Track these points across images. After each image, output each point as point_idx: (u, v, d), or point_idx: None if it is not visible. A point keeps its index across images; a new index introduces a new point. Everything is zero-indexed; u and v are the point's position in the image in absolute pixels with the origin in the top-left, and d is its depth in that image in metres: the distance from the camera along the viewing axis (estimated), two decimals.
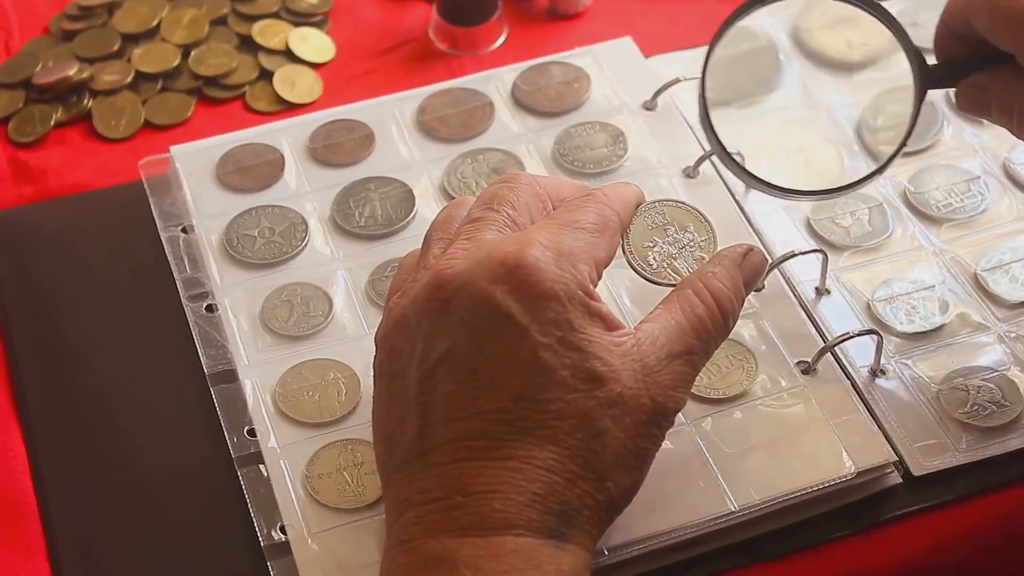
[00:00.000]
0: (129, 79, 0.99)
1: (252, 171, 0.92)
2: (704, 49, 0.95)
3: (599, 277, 0.71)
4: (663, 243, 0.76)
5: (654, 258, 0.76)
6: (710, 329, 0.71)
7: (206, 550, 0.76)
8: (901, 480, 0.77)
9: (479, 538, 0.65)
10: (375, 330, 0.71)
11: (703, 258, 0.76)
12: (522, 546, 0.65)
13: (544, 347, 0.67)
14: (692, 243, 0.76)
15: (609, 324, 0.69)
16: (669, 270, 0.76)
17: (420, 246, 0.75)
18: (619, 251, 0.74)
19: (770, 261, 0.79)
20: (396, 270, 0.77)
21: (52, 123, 0.97)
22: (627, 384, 0.68)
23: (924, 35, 0.97)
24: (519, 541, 0.65)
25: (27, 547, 0.77)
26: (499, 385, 0.67)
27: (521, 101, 0.95)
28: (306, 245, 0.88)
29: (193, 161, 0.92)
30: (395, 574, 0.67)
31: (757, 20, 0.85)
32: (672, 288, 0.73)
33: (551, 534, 0.66)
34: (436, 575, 0.65)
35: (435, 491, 0.67)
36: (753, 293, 0.83)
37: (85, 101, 0.98)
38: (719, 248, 0.76)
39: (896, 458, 0.77)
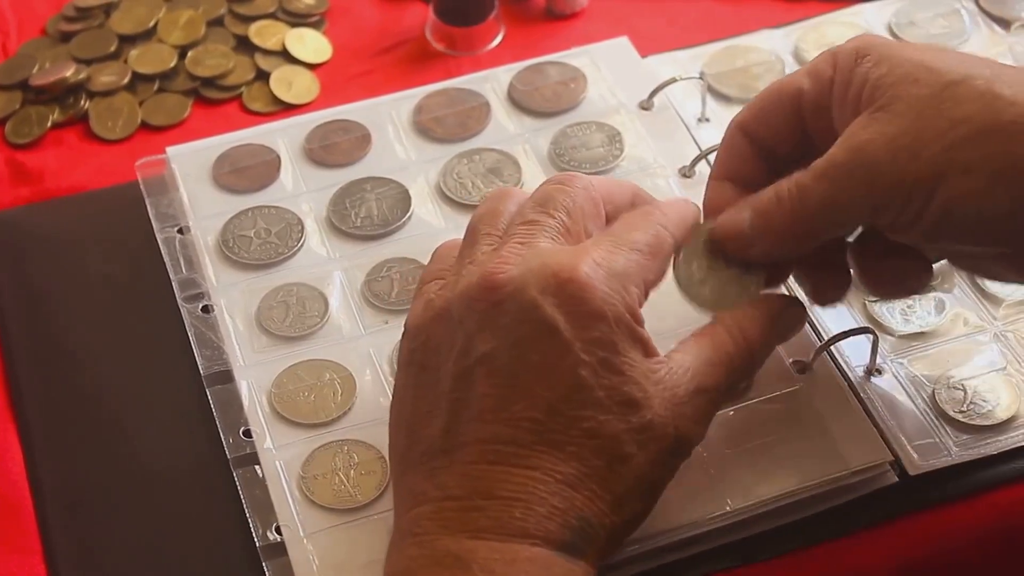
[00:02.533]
0: (126, 80, 0.99)
1: (248, 172, 0.92)
2: (703, 48, 0.96)
3: (646, 299, 0.71)
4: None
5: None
6: (736, 371, 0.72)
7: (202, 550, 0.76)
8: (897, 479, 0.77)
9: (496, 542, 0.65)
10: (369, 330, 0.71)
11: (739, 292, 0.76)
12: (537, 555, 0.65)
13: (585, 365, 0.67)
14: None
15: (648, 350, 0.69)
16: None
17: (462, 238, 0.74)
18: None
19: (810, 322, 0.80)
20: (431, 260, 0.76)
21: (49, 124, 0.97)
22: (657, 412, 0.68)
23: (920, 34, 0.98)
24: (535, 550, 0.65)
25: (24, 548, 0.77)
26: (535, 395, 0.67)
27: (517, 101, 0.95)
28: (302, 246, 0.88)
29: (189, 162, 0.92)
30: (404, 566, 0.67)
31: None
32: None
33: (566, 548, 0.66)
34: (449, 572, 0.65)
35: (455, 489, 0.67)
36: None
37: (82, 102, 0.98)
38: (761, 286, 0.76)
39: (892, 457, 0.77)
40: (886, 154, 0.70)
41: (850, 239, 0.77)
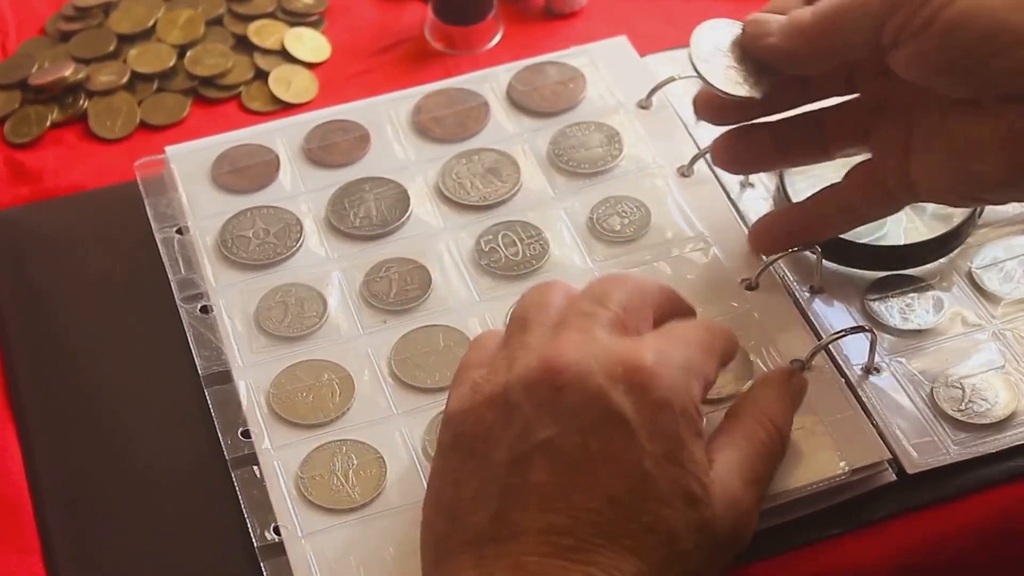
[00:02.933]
0: (125, 80, 0.99)
1: (247, 172, 0.92)
2: None
3: (703, 399, 0.71)
4: None
5: None
6: (775, 453, 0.73)
7: (201, 550, 0.76)
8: (895, 478, 0.77)
9: None
10: (367, 330, 0.71)
11: None
12: None
13: (649, 456, 0.66)
14: None
15: (704, 448, 0.69)
16: None
17: (505, 329, 0.73)
18: None
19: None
20: (471, 348, 0.74)
21: (48, 124, 0.97)
22: (716, 509, 0.68)
23: None
24: None
25: (22, 547, 0.77)
26: (597, 484, 0.65)
27: (517, 101, 0.95)
28: (301, 246, 0.88)
29: (188, 162, 0.92)
30: None
31: None
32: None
33: None
34: None
35: None
36: (747, 291, 0.83)
37: (81, 102, 0.98)
38: None
39: (890, 456, 0.77)
40: None
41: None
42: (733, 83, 0.78)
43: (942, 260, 0.85)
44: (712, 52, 0.79)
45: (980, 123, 0.73)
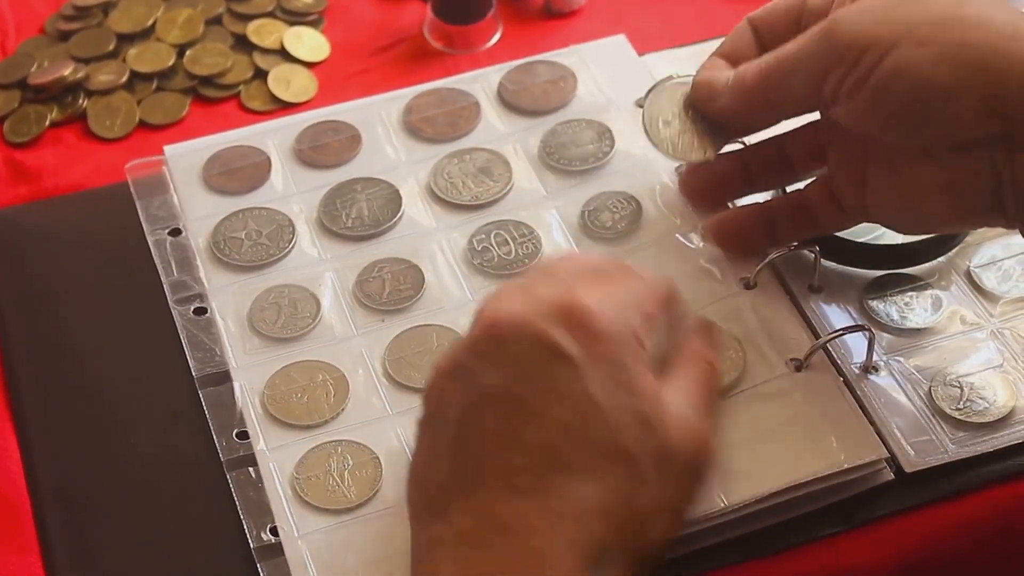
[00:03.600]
0: (124, 79, 0.99)
1: (239, 173, 0.91)
2: (701, 46, 0.96)
3: (648, 334, 0.71)
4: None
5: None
6: (716, 387, 0.75)
7: (200, 550, 0.76)
8: (893, 477, 0.77)
9: None
10: (361, 330, 0.71)
11: None
12: None
13: (596, 384, 0.67)
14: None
15: (655, 377, 0.70)
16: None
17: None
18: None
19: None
20: None
21: (47, 123, 0.97)
22: (673, 435, 0.68)
23: None
24: None
25: (21, 547, 0.78)
26: (548, 418, 0.66)
27: (507, 101, 0.95)
28: (293, 247, 0.88)
29: (181, 163, 0.92)
30: None
31: None
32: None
33: None
34: None
35: (470, 528, 0.65)
36: (746, 290, 0.83)
37: (80, 101, 0.98)
38: None
39: (888, 455, 0.76)
40: (854, 15, 0.73)
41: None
42: (688, 148, 0.82)
43: (940, 259, 0.85)
44: (665, 117, 0.82)
45: (927, 169, 0.75)
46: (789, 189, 0.85)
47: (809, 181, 0.83)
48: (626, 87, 0.95)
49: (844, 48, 0.73)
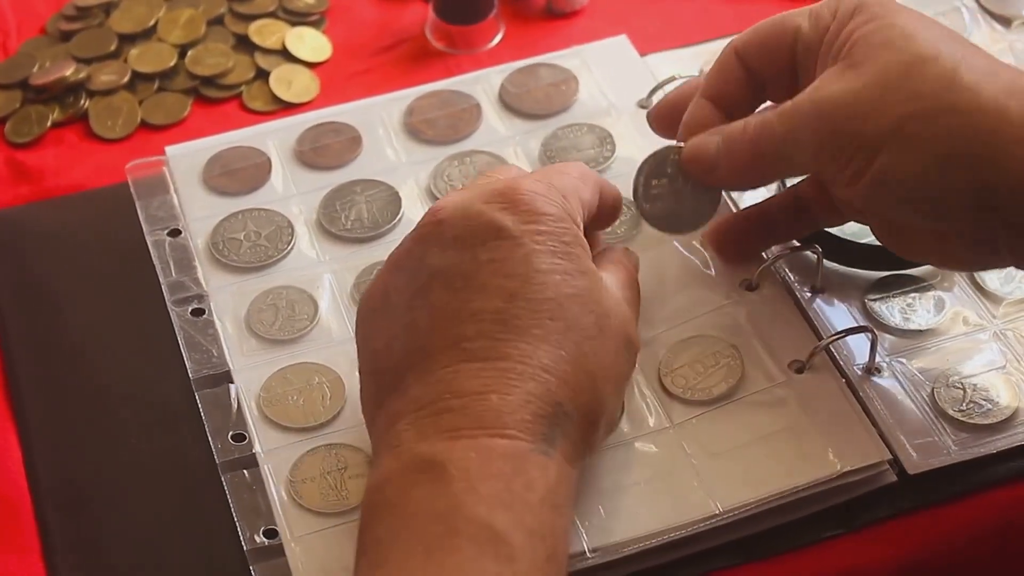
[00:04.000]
0: (126, 79, 0.99)
1: (239, 174, 0.91)
2: (703, 47, 0.96)
3: (584, 215, 0.75)
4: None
5: None
6: (637, 286, 0.79)
7: (199, 552, 0.76)
8: (896, 479, 0.76)
9: (469, 439, 0.66)
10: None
11: None
12: (511, 451, 0.66)
13: (538, 253, 0.70)
14: None
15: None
16: None
17: None
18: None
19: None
20: None
21: (49, 123, 0.97)
22: (607, 302, 0.72)
23: None
24: (509, 445, 0.66)
25: (22, 547, 0.77)
26: (493, 287, 0.69)
27: (509, 103, 0.95)
28: (292, 248, 0.87)
29: (182, 164, 0.92)
30: (381, 479, 0.67)
31: None
32: None
33: (542, 439, 0.67)
34: (425, 476, 0.65)
35: (429, 396, 0.68)
36: (748, 291, 0.83)
37: (82, 101, 0.98)
38: None
39: (891, 456, 0.76)
40: (843, 110, 0.73)
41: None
42: (680, 224, 0.83)
43: None
44: (656, 188, 0.82)
45: (920, 228, 0.75)
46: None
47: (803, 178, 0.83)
48: (628, 88, 0.95)
49: (834, 147, 0.74)
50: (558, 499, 0.67)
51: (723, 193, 0.85)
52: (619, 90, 0.95)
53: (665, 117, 0.84)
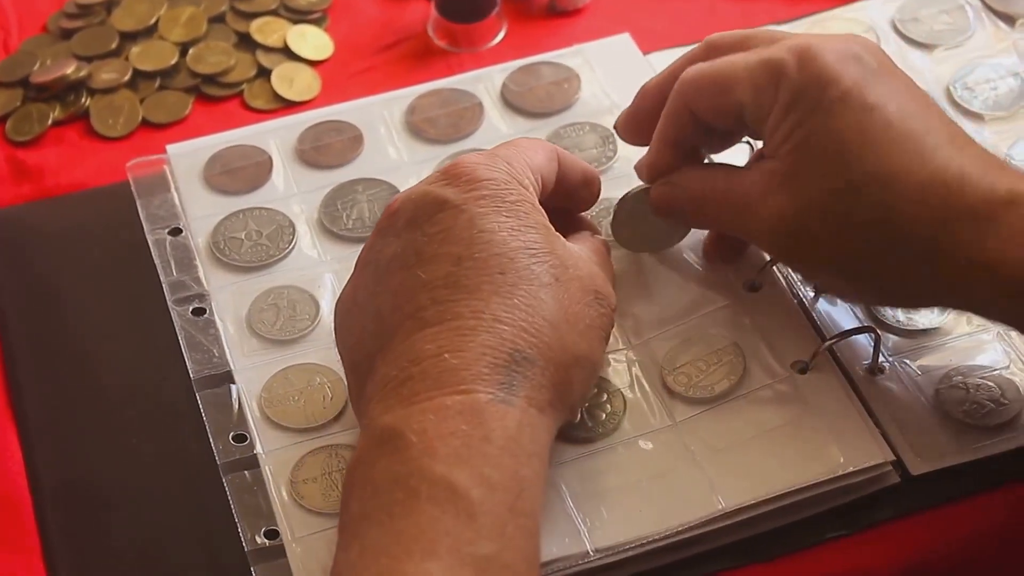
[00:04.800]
0: (127, 77, 0.99)
1: (240, 173, 0.91)
2: None
3: (537, 180, 0.76)
4: None
5: None
6: (607, 257, 0.80)
7: (199, 552, 0.76)
8: (899, 480, 0.76)
9: (427, 401, 0.67)
10: None
11: None
12: (468, 405, 0.66)
13: (481, 216, 0.71)
14: None
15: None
16: None
17: None
18: None
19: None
20: None
21: (50, 122, 0.97)
22: (562, 253, 0.73)
23: (923, 30, 0.98)
24: (466, 400, 0.66)
25: (22, 547, 0.77)
26: (441, 255, 0.71)
27: (511, 102, 0.95)
28: (293, 248, 0.87)
29: (183, 162, 0.92)
30: (356, 460, 0.68)
31: None
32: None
33: (499, 386, 0.67)
34: (389, 445, 0.66)
35: (392, 371, 0.69)
36: (750, 292, 0.83)
37: (83, 100, 0.98)
38: None
39: (894, 457, 0.76)
40: (785, 236, 0.75)
41: None
42: (655, 242, 0.84)
43: None
44: (629, 222, 0.83)
45: None
46: None
47: None
48: (630, 87, 0.93)
49: (783, 250, 0.77)
50: (522, 446, 0.67)
51: None
52: (621, 89, 0.94)
53: (632, 128, 0.84)
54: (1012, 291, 0.71)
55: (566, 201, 0.80)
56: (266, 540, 0.75)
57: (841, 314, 0.82)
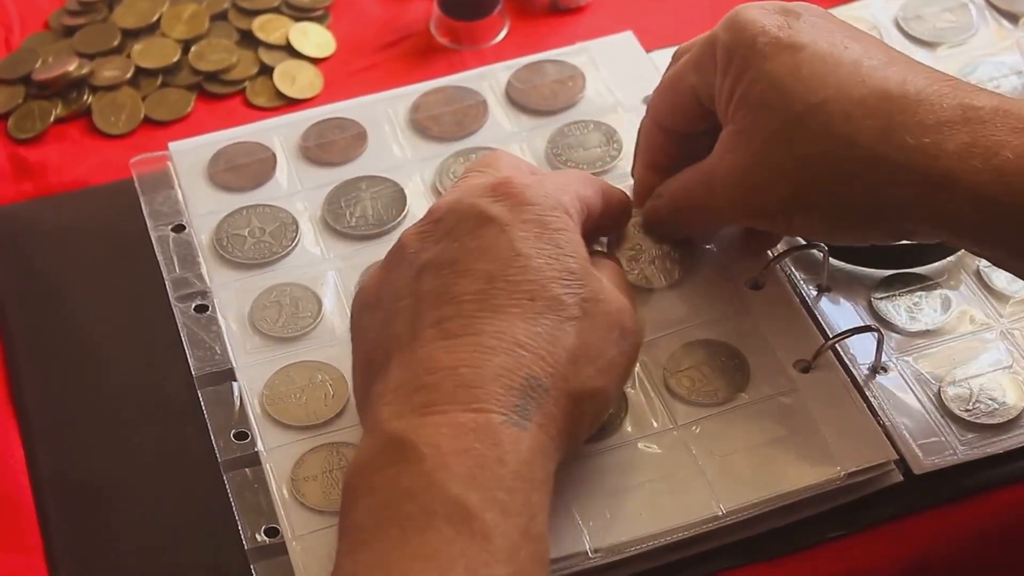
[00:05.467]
0: (129, 75, 0.99)
1: (244, 170, 0.91)
2: None
3: (583, 211, 0.75)
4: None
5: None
6: (626, 279, 0.79)
7: (201, 550, 0.76)
8: (902, 479, 0.76)
9: (441, 415, 0.66)
10: None
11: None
12: (483, 424, 0.66)
13: (522, 239, 0.71)
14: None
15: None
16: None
17: None
18: None
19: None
20: None
21: (52, 119, 0.97)
22: (595, 286, 0.72)
23: (926, 28, 0.98)
24: (480, 419, 0.66)
25: (24, 546, 0.77)
26: (476, 271, 0.70)
27: (515, 99, 0.95)
28: (296, 245, 0.87)
29: (186, 160, 0.92)
30: (361, 462, 0.67)
31: None
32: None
33: (514, 410, 0.67)
34: (397, 455, 0.65)
35: (406, 376, 0.68)
36: (753, 291, 0.83)
37: (85, 97, 0.98)
38: None
39: (897, 456, 0.76)
40: (744, 186, 0.76)
41: None
42: (655, 277, 0.84)
43: (950, 258, 0.84)
44: (630, 253, 0.84)
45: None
46: None
47: None
48: (633, 85, 0.94)
49: (753, 214, 0.78)
50: (533, 472, 0.67)
51: None
52: (625, 87, 0.95)
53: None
54: (978, 206, 0.71)
55: (600, 232, 0.81)
56: (266, 538, 0.75)
57: (844, 313, 0.82)
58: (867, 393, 0.79)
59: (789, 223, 0.77)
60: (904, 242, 0.79)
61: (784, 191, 0.74)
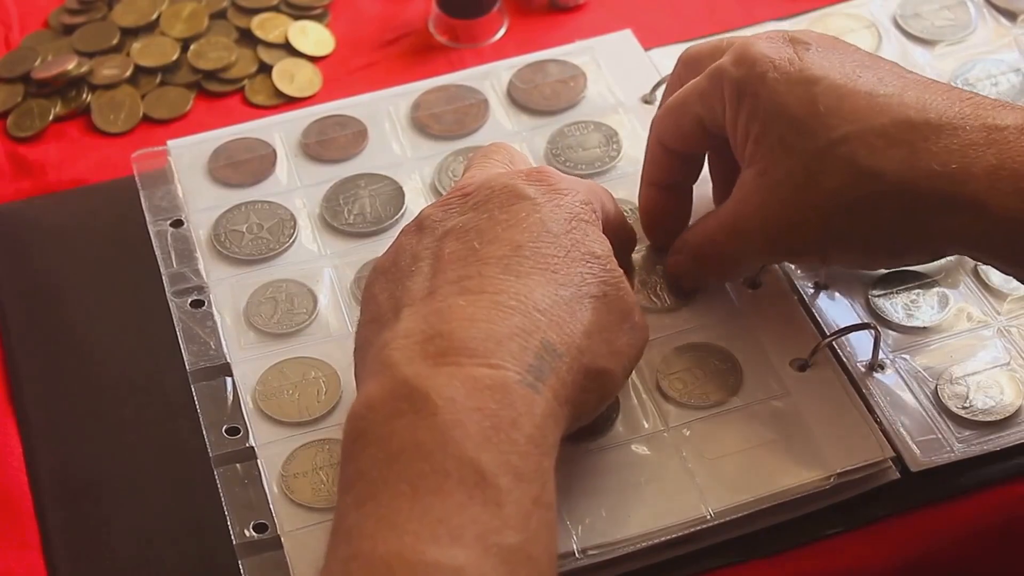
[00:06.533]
0: (128, 73, 0.99)
1: (244, 166, 0.91)
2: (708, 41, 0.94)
3: (605, 220, 0.75)
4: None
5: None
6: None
7: (197, 546, 0.76)
8: (899, 476, 0.76)
9: (455, 367, 0.65)
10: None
11: None
12: (498, 382, 0.65)
13: (552, 219, 0.71)
14: None
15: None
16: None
17: None
18: None
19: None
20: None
21: (51, 117, 0.97)
22: (616, 274, 0.72)
23: (925, 26, 0.97)
24: (496, 375, 0.65)
25: (22, 543, 0.77)
26: (503, 238, 0.70)
27: (516, 99, 0.95)
28: (294, 242, 0.87)
29: (186, 155, 0.92)
30: (366, 406, 0.66)
31: None
32: None
33: (529, 371, 0.66)
34: (408, 405, 0.64)
35: (420, 325, 0.67)
36: (751, 289, 0.83)
37: (84, 95, 0.98)
38: None
39: (894, 454, 0.76)
40: (774, 232, 0.76)
41: None
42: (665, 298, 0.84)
43: (948, 256, 0.84)
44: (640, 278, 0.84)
45: None
46: None
47: None
48: (632, 84, 0.94)
49: (784, 256, 0.81)
50: (545, 438, 0.66)
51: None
52: (624, 86, 0.95)
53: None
54: (1008, 228, 0.71)
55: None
56: (255, 533, 0.75)
57: (841, 310, 0.82)
58: (864, 390, 0.79)
59: (824, 258, 0.77)
60: None
61: (815, 228, 0.74)
